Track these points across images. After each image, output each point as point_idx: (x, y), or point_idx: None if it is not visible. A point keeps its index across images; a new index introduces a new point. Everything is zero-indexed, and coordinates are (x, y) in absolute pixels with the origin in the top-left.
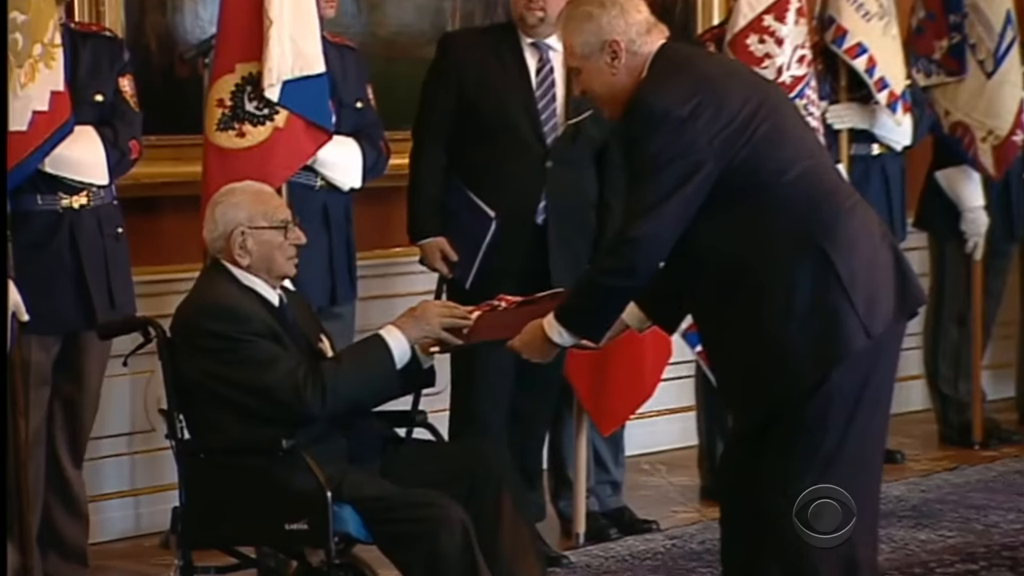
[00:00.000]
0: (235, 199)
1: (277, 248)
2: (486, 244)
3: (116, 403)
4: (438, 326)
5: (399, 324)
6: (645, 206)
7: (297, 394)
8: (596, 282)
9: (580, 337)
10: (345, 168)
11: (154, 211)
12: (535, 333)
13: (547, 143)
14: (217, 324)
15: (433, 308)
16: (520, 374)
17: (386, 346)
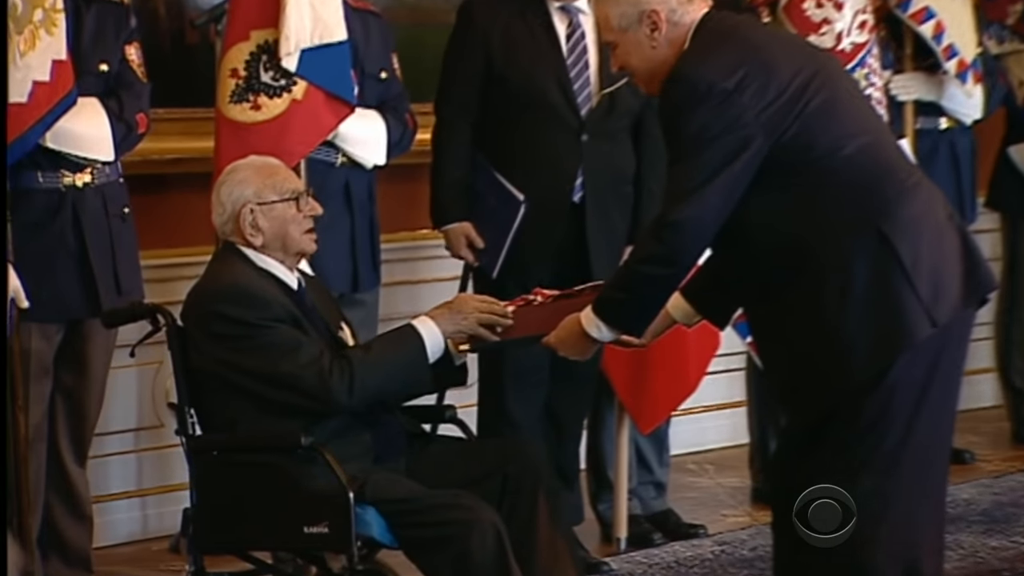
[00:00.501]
0: (240, 176)
1: (291, 222)
2: (515, 229)
3: (122, 396)
4: (475, 322)
5: (433, 316)
6: (688, 187)
7: (323, 383)
8: (636, 271)
9: (620, 332)
10: (368, 143)
11: (163, 190)
12: (572, 328)
13: (582, 115)
14: (233, 309)
15: (470, 302)
16: (554, 368)
17: (419, 337)
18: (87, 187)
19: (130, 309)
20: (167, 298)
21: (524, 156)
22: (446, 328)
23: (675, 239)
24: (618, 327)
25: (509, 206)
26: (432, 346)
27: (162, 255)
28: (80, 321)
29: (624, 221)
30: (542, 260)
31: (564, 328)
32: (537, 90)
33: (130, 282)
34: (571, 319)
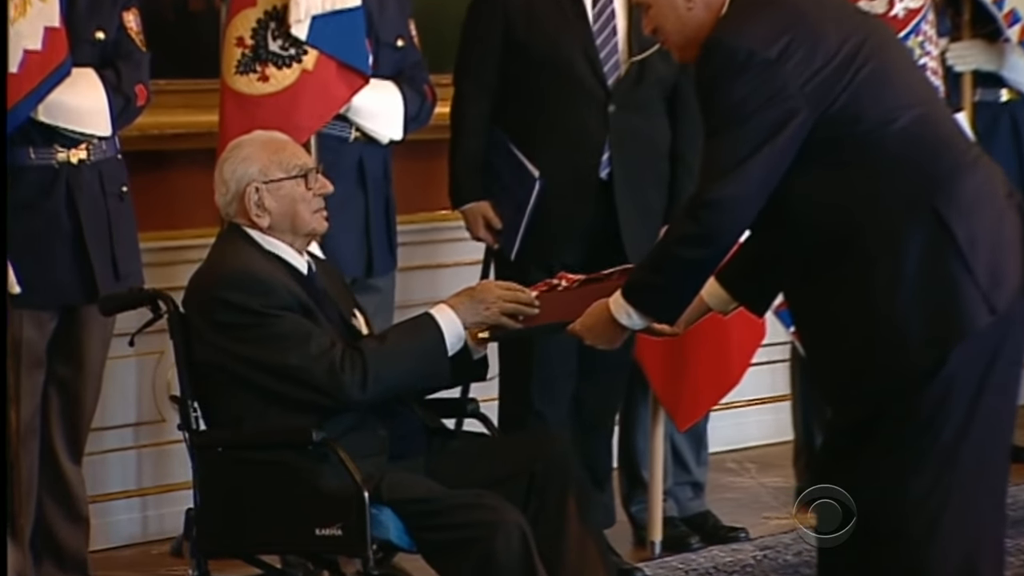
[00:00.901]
0: (244, 152)
1: (300, 201)
2: (531, 208)
3: (120, 389)
4: (498, 311)
5: (453, 304)
6: (727, 163)
7: (334, 376)
8: (669, 253)
9: (652, 318)
10: (384, 117)
11: (164, 167)
12: (600, 315)
13: (608, 85)
14: (239, 296)
15: (494, 289)
16: (582, 358)
17: (437, 327)
18: (82, 164)
19: (129, 295)
20: (168, 283)
21: (545, 129)
22: (466, 317)
23: (712, 219)
24: (649, 314)
25: (525, 183)
26: (451, 337)
27: (163, 237)
28: (75, 308)
29: (661, 199)
30: (569, 242)
31: (591, 315)
32: (560, 58)
33: (128, 266)
34: (599, 305)
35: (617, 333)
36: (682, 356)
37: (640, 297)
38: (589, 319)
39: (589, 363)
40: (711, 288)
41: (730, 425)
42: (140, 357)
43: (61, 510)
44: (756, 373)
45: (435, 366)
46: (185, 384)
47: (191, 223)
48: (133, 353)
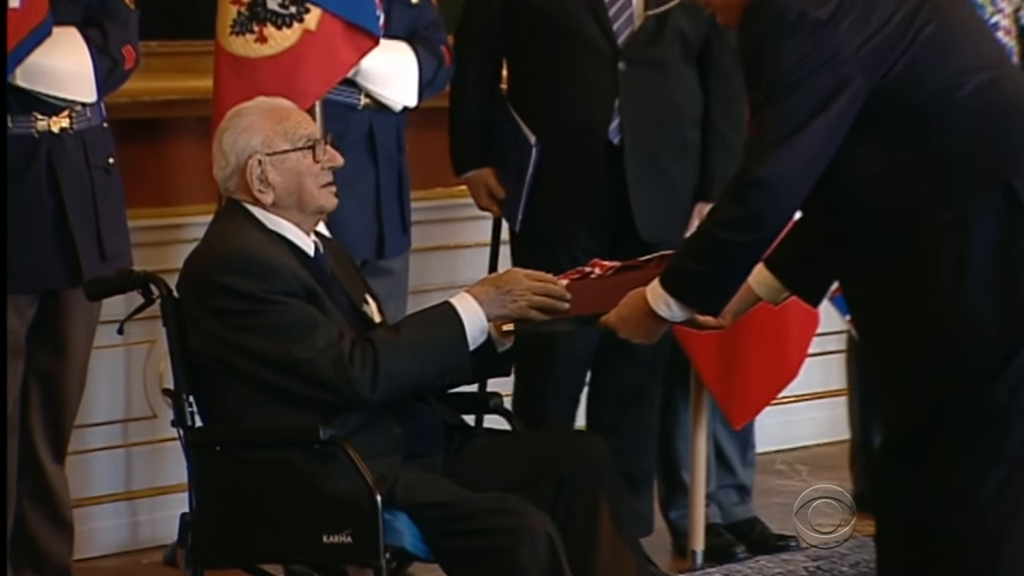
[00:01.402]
0: (245, 121)
1: (306, 175)
2: (529, 177)
3: (108, 381)
4: (526, 304)
5: (476, 294)
6: (775, 137)
7: (341, 372)
8: (713, 237)
9: (694, 309)
10: (396, 82)
11: (155, 137)
12: (636, 306)
13: (618, 41)
14: (239, 280)
15: (521, 280)
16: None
17: (458, 320)
18: (65, 133)
19: (117, 278)
20: (160, 265)
21: (548, 91)
22: (490, 310)
23: (760, 199)
24: (691, 304)
25: (522, 150)
26: (473, 331)
27: (154, 215)
28: (58, 292)
29: (682, 171)
30: (576, 215)
31: (627, 305)
32: (562, 10)
33: (116, 246)
34: (635, 295)
35: (655, 326)
36: (736, 348)
37: (681, 286)
38: (625, 310)
39: (624, 353)
40: (760, 275)
41: (779, 423)
42: (129, 347)
43: (42, 515)
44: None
45: (455, 362)
46: (179, 376)
47: (186, 199)
48: (122, 342)
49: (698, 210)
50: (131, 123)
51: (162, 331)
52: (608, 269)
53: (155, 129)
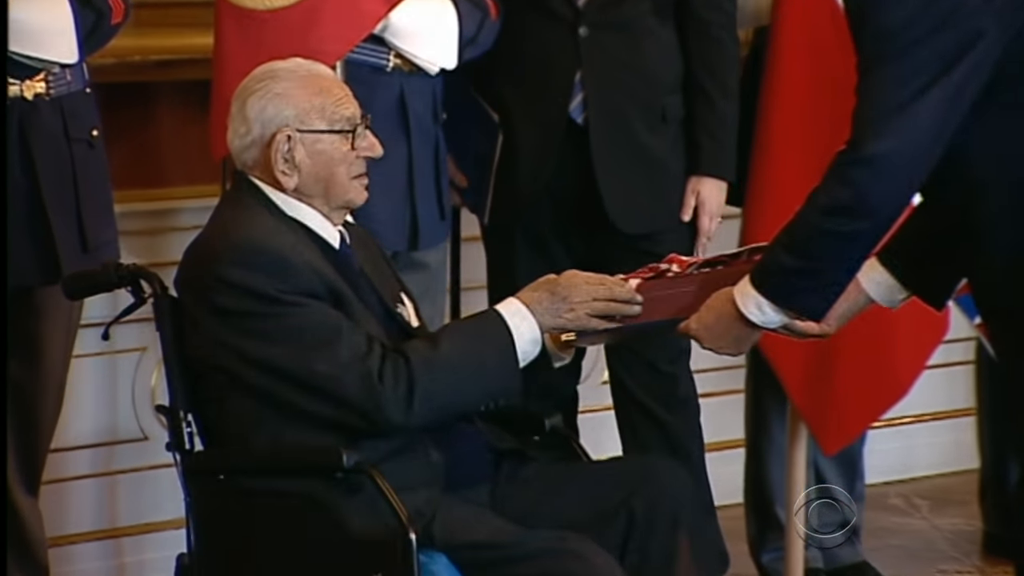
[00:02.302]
0: (279, 87)
1: (340, 162)
2: (496, 162)
3: (90, 396)
4: (586, 313)
5: (528, 300)
6: (887, 107)
7: (370, 390)
8: (814, 226)
9: (792, 313)
10: (432, 38)
11: (147, 104)
12: (722, 310)
13: (578, 3)
14: (249, 275)
15: (581, 285)
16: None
17: (506, 331)
18: (40, 100)
19: (102, 273)
20: (154, 258)
21: (502, 64)
22: (545, 319)
23: (871, 180)
24: (789, 307)
25: (486, 130)
26: (525, 344)
27: (146, 197)
28: (30, 290)
29: (664, 147)
30: (538, 204)
31: (711, 309)
32: None
33: (100, 234)
34: (720, 297)
35: (745, 333)
36: (832, 359)
37: (776, 285)
38: (708, 315)
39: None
40: (872, 272)
41: (893, 449)
42: (116, 355)
43: (13, 554)
44: (928, 379)
45: (503, 382)
46: (176, 390)
47: (184, 178)
48: (107, 349)
49: (692, 186)
50: (118, 88)
51: (155, 336)
52: (688, 266)
53: (147, 95)
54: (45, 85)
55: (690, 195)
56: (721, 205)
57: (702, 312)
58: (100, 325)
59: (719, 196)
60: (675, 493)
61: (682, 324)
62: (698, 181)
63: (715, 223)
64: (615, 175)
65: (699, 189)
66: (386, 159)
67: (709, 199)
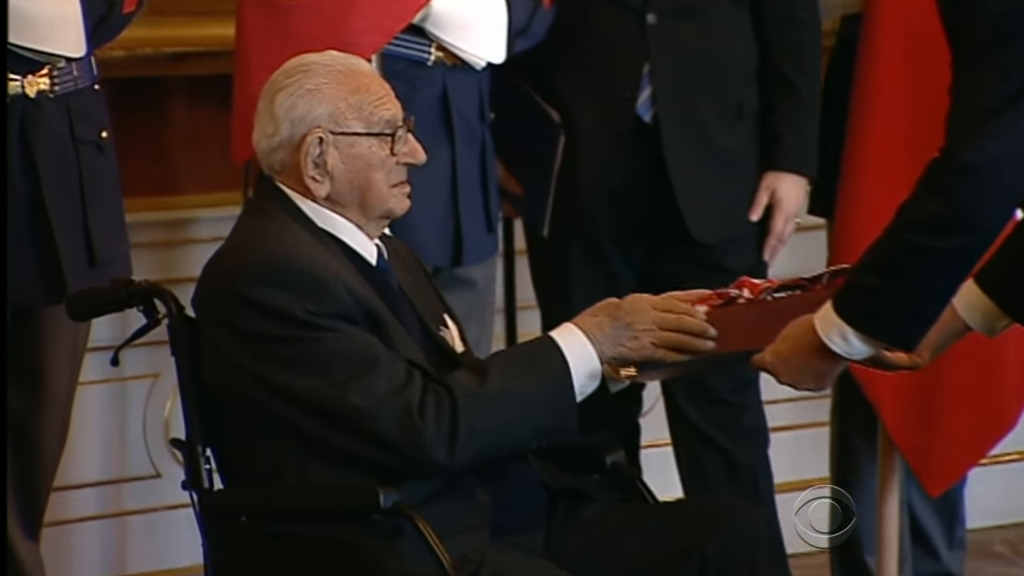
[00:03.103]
0: (312, 82)
1: (377, 168)
2: (557, 167)
3: (97, 428)
4: (651, 341)
5: (587, 326)
6: (989, 105)
7: (410, 427)
8: (904, 243)
9: (881, 343)
10: (478, 30)
11: (162, 102)
12: (801, 339)
13: None
14: (275, 295)
15: (647, 310)
16: None
17: (562, 362)
18: (44, 97)
19: (111, 291)
20: (169, 274)
21: (561, 56)
22: (605, 348)
23: (969, 190)
24: (876, 335)
25: (545, 131)
26: (582, 378)
27: (161, 206)
28: (32, 310)
29: (740, 144)
30: (603, 213)
31: (789, 339)
32: None
33: (110, 248)
34: (799, 325)
35: (827, 366)
36: (933, 389)
37: (861, 311)
38: (786, 346)
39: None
40: (968, 296)
41: (997, 489)
42: (126, 382)
43: None
44: None
45: (557, 419)
46: (193, 422)
47: (202, 185)
48: (116, 376)
49: (767, 183)
50: (129, 84)
51: (170, 361)
52: (761, 291)
53: (161, 91)
54: (49, 81)
55: (764, 192)
56: (799, 206)
57: (779, 343)
58: (109, 349)
59: (798, 195)
60: (751, 538)
61: (756, 357)
62: (775, 177)
63: (791, 226)
64: (690, 178)
65: (776, 186)
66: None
67: (787, 198)
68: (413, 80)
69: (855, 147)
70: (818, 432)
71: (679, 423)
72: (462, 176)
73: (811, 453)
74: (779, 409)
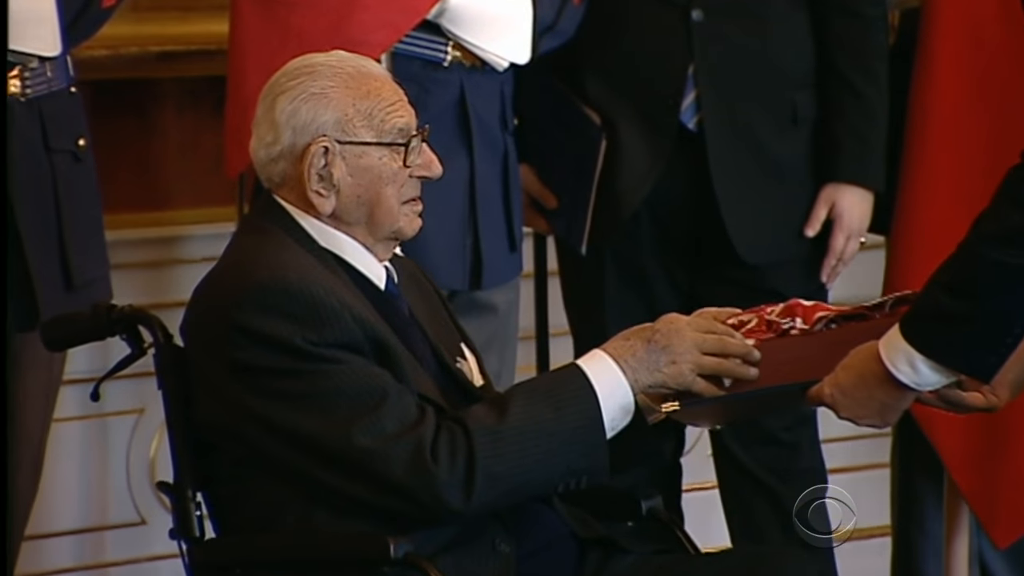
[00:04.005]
0: (317, 85)
1: (388, 182)
2: (598, 175)
3: (75, 470)
4: (689, 367)
5: (617, 354)
6: None
7: (421, 471)
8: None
9: (953, 372)
10: (500, 27)
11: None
12: (864, 369)
13: None
14: (273, 322)
15: (685, 333)
16: None
17: (591, 394)
18: (14, 101)
19: (90, 318)
20: (155, 298)
21: (597, 55)
22: (641, 376)
23: None
24: (950, 362)
25: (585, 137)
26: (613, 411)
27: (146, 222)
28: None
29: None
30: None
31: (850, 369)
32: None
33: (89, 269)
34: (861, 354)
35: (893, 399)
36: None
37: (933, 336)
38: (846, 377)
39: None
40: None
41: None
42: (107, 418)
43: None
44: None
45: (586, 459)
46: (183, 464)
47: (192, 199)
48: (96, 412)
49: (827, 196)
50: (111, 86)
51: (156, 396)
52: (816, 320)
53: (146, 95)
54: (20, 83)
55: (822, 206)
56: (864, 222)
57: (838, 373)
58: (89, 381)
59: (862, 211)
60: None
61: (813, 389)
62: (835, 190)
63: (853, 245)
64: (737, 191)
65: (836, 199)
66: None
67: (849, 213)
68: (427, 83)
69: (917, 154)
70: (877, 474)
71: (726, 463)
72: (481, 189)
73: (869, 497)
74: (834, 448)
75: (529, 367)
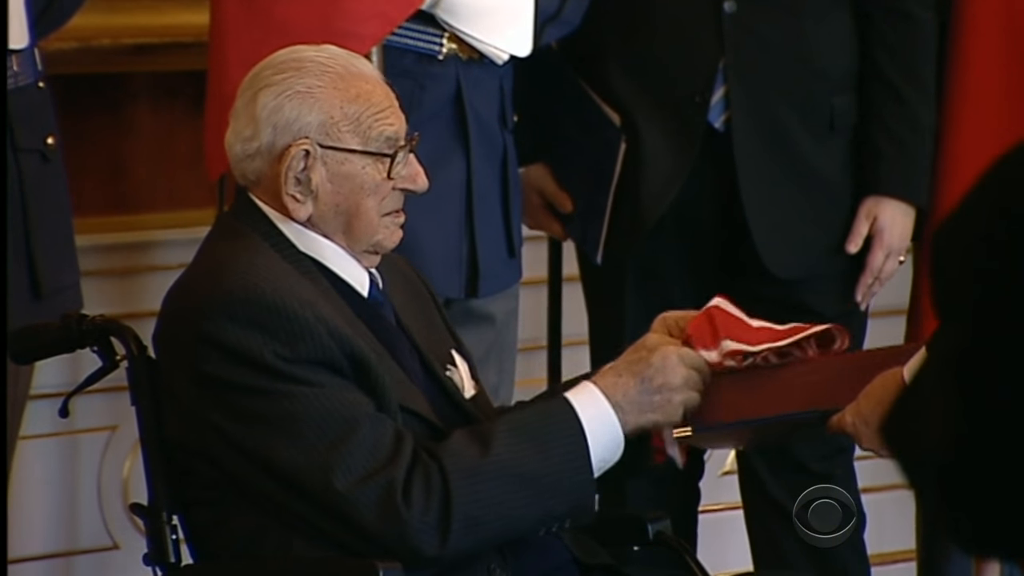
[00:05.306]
0: (301, 81)
1: (370, 193)
2: (616, 177)
3: (43, 492)
4: (681, 401)
5: (611, 390)
6: None
7: (392, 516)
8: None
9: None
10: (498, 17)
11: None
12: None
13: None
14: (243, 333)
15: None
16: None
17: (580, 433)
18: None
19: (59, 329)
20: (129, 308)
21: (618, 46)
22: (631, 417)
23: None
24: None
25: (603, 137)
26: (601, 450)
27: (119, 226)
28: None
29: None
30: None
31: (872, 397)
32: None
33: (57, 277)
34: (885, 380)
35: None
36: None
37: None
38: (868, 406)
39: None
40: None
41: None
42: (77, 436)
43: None
44: None
45: (571, 500)
46: (158, 484)
47: (168, 202)
48: (65, 429)
49: (867, 209)
50: (82, 81)
51: (130, 412)
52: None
53: (120, 90)
54: None
55: (863, 221)
56: (904, 240)
57: (860, 402)
58: (58, 396)
59: (904, 226)
60: None
61: (835, 418)
62: (876, 203)
63: (893, 263)
64: (766, 198)
65: (877, 213)
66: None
67: (890, 228)
68: (422, 77)
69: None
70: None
71: (753, 492)
72: (479, 191)
73: (895, 520)
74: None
75: (540, 380)
